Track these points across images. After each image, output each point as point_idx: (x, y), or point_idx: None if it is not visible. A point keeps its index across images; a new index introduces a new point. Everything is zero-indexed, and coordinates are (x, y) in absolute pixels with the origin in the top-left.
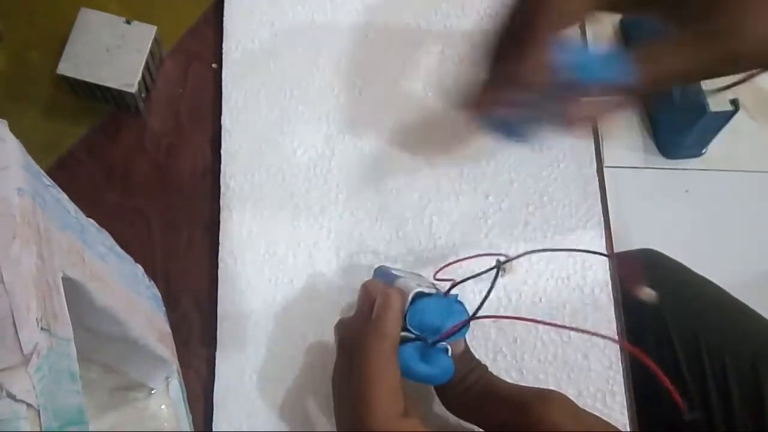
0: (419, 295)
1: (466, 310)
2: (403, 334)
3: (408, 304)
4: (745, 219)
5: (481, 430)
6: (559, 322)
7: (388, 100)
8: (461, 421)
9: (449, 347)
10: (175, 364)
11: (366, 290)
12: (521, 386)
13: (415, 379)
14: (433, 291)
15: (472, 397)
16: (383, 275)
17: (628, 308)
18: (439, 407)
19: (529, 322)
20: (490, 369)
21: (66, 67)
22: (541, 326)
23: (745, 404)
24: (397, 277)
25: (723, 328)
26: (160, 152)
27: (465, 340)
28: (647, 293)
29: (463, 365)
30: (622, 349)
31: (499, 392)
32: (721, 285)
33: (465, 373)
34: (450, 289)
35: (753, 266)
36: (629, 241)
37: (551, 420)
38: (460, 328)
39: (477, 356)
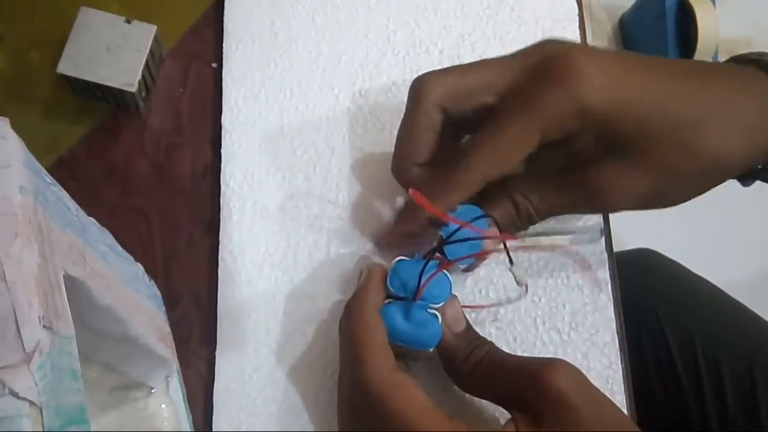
0: (401, 260)
1: (445, 273)
2: (387, 301)
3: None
4: (742, 219)
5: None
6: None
7: (388, 100)
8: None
9: (438, 314)
10: (175, 364)
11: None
12: (529, 357)
13: (401, 340)
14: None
15: (481, 373)
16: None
17: (625, 308)
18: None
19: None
20: None
21: (66, 67)
22: (541, 326)
23: (740, 403)
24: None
25: (718, 327)
26: (160, 152)
27: (467, 320)
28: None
29: (467, 344)
30: (621, 348)
31: (506, 364)
32: (717, 285)
33: (470, 351)
34: (432, 253)
35: (750, 266)
36: (627, 240)
37: (556, 386)
38: (434, 277)
39: None
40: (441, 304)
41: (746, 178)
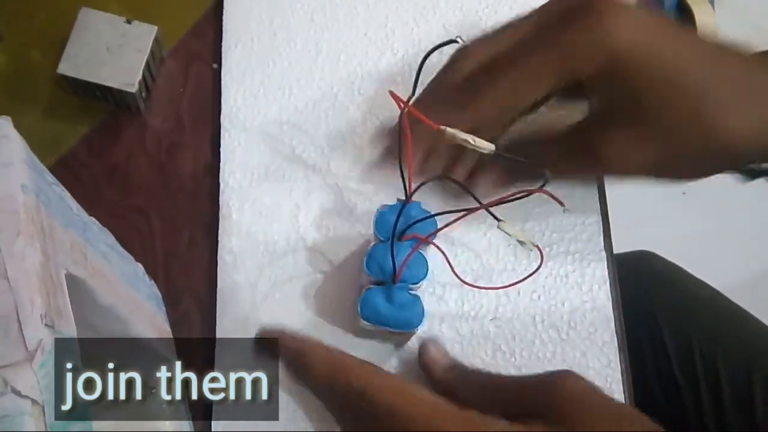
0: (376, 245)
1: (421, 253)
2: (367, 286)
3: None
4: (741, 221)
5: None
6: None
7: (387, 99)
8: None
9: (420, 294)
10: (175, 363)
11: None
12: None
13: (386, 323)
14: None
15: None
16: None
17: (624, 310)
18: None
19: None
20: (488, 366)
21: (66, 67)
22: (540, 325)
23: (737, 407)
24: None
25: (717, 330)
26: (161, 152)
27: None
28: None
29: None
30: (621, 348)
31: (495, 377)
32: (716, 287)
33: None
34: (405, 229)
35: (749, 269)
36: (627, 242)
37: (566, 386)
38: (410, 258)
39: (475, 353)
40: (421, 283)
41: (749, 174)
